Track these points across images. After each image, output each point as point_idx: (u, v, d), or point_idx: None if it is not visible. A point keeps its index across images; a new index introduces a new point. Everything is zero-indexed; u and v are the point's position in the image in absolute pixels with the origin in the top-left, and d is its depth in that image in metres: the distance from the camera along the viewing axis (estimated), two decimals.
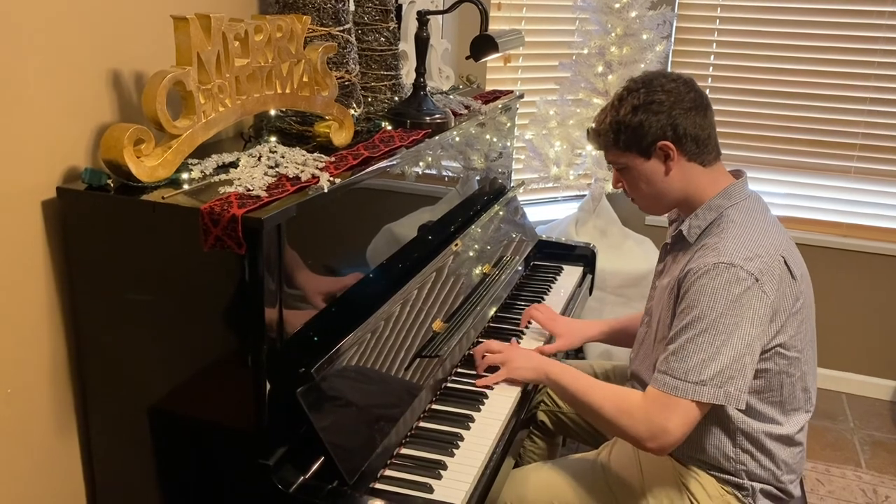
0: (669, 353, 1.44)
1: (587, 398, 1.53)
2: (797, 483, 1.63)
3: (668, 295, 1.55)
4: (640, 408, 1.44)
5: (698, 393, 1.40)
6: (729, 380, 1.40)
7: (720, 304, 1.40)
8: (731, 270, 1.41)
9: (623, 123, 1.54)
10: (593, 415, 1.53)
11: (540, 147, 3.05)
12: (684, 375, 1.40)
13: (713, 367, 1.39)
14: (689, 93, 1.53)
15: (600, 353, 2.91)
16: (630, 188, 1.63)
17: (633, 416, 1.44)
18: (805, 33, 3.14)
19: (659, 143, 1.52)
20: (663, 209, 1.66)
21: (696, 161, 1.55)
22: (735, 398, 1.41)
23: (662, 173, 1.55)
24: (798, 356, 1.52)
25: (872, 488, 2.71)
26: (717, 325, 1.40)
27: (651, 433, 1.42)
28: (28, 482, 1.35)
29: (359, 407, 1.43)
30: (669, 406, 1.41)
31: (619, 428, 1.48)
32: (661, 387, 1.43)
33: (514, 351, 1.74)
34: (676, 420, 1.41)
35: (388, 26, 1.77)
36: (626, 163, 1.58)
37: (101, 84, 1.36)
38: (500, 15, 3.10)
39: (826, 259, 3.19)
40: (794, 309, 1.49)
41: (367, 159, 1.49)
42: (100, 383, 1.39)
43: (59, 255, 1.33)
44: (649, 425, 1.42)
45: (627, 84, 1.58)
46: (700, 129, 1.53)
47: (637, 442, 1.45)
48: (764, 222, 1.53)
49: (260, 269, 1.20)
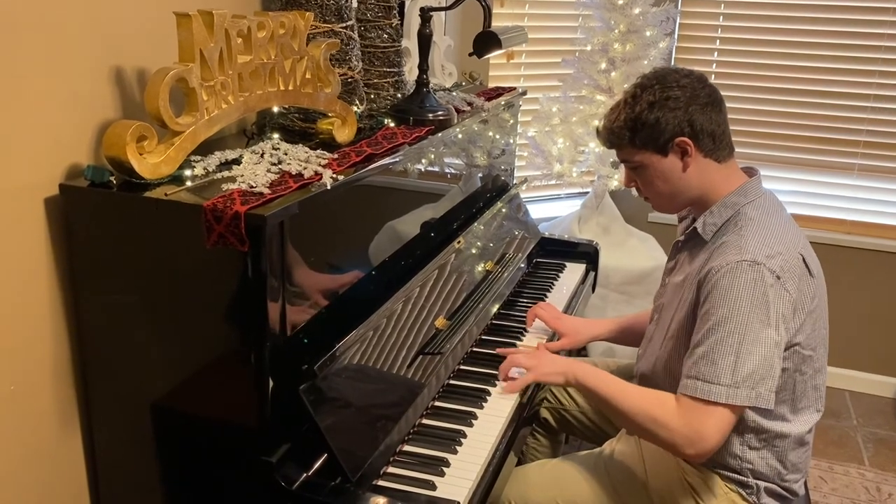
0: (699, 357, 1.40)
1: (619, 403, 1.48)
2: (802, 482, 1.62)
3: (685, 293, 1.53)
4: (676, 415, 1.41)
5: (732, 396, 1.36)
6: (761, 381, 1.37)
7: (746, 304, 1.38)
8: (754, 268, 1.39)
9: (639, 120, 1.51)
10: (626, 420, 1.49)
11: (543, 144, 3.05)
12: (717, 379, 1.37)
13: (745, 368, 1.36)
14: (704, 88, 1.52)
15: (603, 350, 2.91)
16: (644, 186, 1.60)
17: (669, 425, 1.41)
18: (808, 30, 3.13)
19: (676, 139, 1.50)
20: (677, 207, 1.63)
21: (711, 157, 1.53)
22: (765, 398, 1.38)
23: (680, 170, 1.53)
24: (812, 354, 1.51)
25: (875, 486, 2.71)
26: (744, 326, 1.37)
27: (689, 440, 1.39)
28: (31, 478, 1.35)
29: (361, 404, 1.43)
30: (705, 411, 1.38)
31: (654, 435, 1.44)
32: (692, 392, 1.39)
33: (541, 355, 1.70)
34: (713, 425, 1.38)
35: (390, 23, 1.76)
36: (642, 161, 1.55)
37: (103, 81, 1.35)
38: (502, 11, 3.09)
39: (829, 256, 3.17)
40: (811, 307, 1.48)
41: (370, 156, 1.49)
42: (102, 380, 1.40)
43: (61, 252, 1.33)
44: (687, 432, 1.39)
45: (640, 81, 1.56)
46: (716, 125, 1.51)
47: (673, 449, 1.42)
48: (781, 220, 1.52)
49: (263, 266, 1.20)
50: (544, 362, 1.65)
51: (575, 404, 1.98)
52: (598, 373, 1.56)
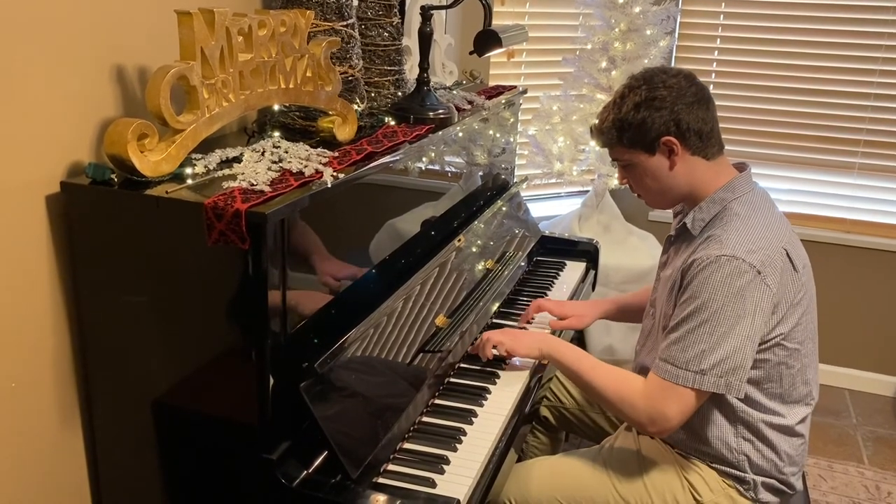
0: (671, 342, 1.47)
1: (590, 379, 1.58)
2: (799, 476, 1.63)
3: (671, 285, 1.56)
4: (641, 394, 1.49)
5: (699, 382, 1.43)
6: (730, 370, 1.43)
7: (722, 296, 1.42)
8: (733, 263, 1.42)
9: (626, 121, 1.55)
10: (595, 395, 1.59)
11: (543, 143, 3.05)
12: (685, 364, 1.44)
13: (714, 357, 1.42)
14: (691, 87, 1.54)
15: (603, 348, 2.91)
16: (635, 184, 1.65)
17: (634, 402, 1.50)
18: (809, 28, 3.13)
19: (662, 138, 1.53)
20: (669, 203, 1.66)
21: (699, 155, 1.56)
22: (735, 388, 1.44)
23: (667, 168, 1.56)
24: (798, 348, 1.53)
25: (875, 484, 2.71)
26: (718, 317, 1.42)
27: (650, 418, 1.48)
28: (32, 475, 1.36)
29: (362, 402, 1.43)
30: (670, 393, 1.46)
31: (620, 411, 1.54)
32: (662, 374, 1.47)
33: (518, 332, 1.78)
34: (675, 407, 1.46)
35: (391, 21, 1.76)
36: (631, 159, 1.59)
37: (104, 79, 1.36)
38: (503, 10, 3.09)
39: (829, 255, 3.18)
40: (796, 300, 1.51)
41: (371, 154, 1.49)
42: (103, 377, 1.40)
43: (62, 250, 1.33)
44: (650, 411, 1.48)
45: (628, 82, 1.59)
46: (703, 123, 1.53)
47: (637, 424, 1.53)
48: (767, 215, 1.53)
49: (263, 263, 1.20)
50: (519, 337, 1.74)
51: (574, 402, 1.99)
52: (571, 348, 1.66)
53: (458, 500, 1.31)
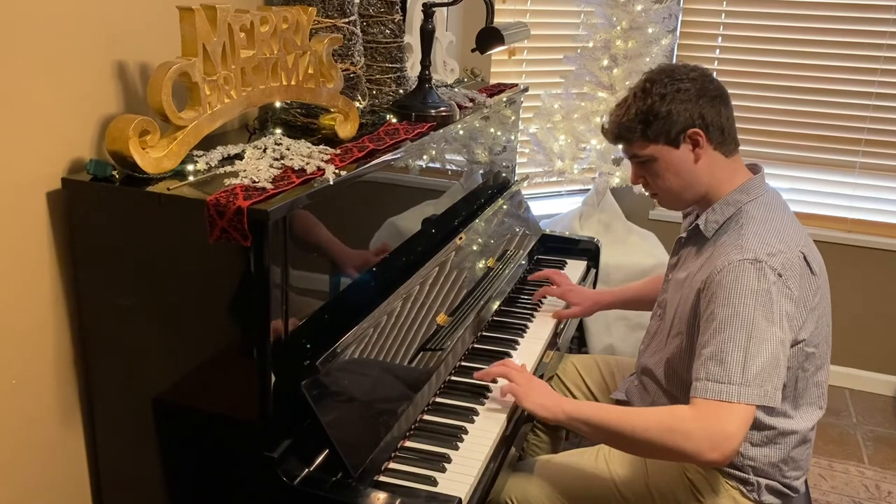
0: (706, 358, 1.39)
1: (625, 425, 1.41)
2: (803, 479, 1.62)
3: (686, 291, 1.53)
4: (694, 421, 1.36)
5: (744, 395, 1.35)
6: (768, 378, 1.36)
7: (751, 302, 1.37)
8: (756, 266, 1.39)
9: (651, 113, 1.52)
10: (637, 441, 1.40)
11: (544, 141, 3.04)
12: (728, 378, 1.36)
13: (755, 366, 1.36)
14: (711, 83, 1.54)
15: (603, 348, 2.91)
16: (653, 181, 1.60)
17: (689, 432, 1.35)
18: (810, 27, 3.12)
19: (689, 130, 1.51)
20: (685, 203, 1.63)
21: (720, 150, 1.54)
22: (772, 396, 1.37)
23: (692, 161, 1.54)
24: (814, 351, 1.52)
25: (875, 484, 2.71)
26: (751, 324, 1.37)
27: (712, 443, 1.34)
28: (33, 473, 1.36)
29: (363, 400, 1.43)
30: (724, 412, 1.35)
31: (671, 448, 1.37)
32: (708, 395, 1.37)
33: (532, 381, 1.58)
34: (735, 423, 1.34)
35: (393, 18, 1.76)
36: (653, 153, 1.55)
37: (106, 75, 1.35)
38: (505, 8, 3.09)
39: (830, 254, 3.15)
40: (813, 304, 1.49)
41: (372, 152, 1.49)
42: (104, 375, 1.40)
43: (63, 246, 1.33)
44: (710, 435, 1.34)
45: (648, 76, 1.56)
46: (724, 119, 1.53)
47: (696, 456, 1.35)
48: (782, 218, 1.52)
49: (265, 261, 1.20)
50: (535, 388, 1.55)
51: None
52: (590, 403, 1.54)
53: (460, 498, 1.31)
